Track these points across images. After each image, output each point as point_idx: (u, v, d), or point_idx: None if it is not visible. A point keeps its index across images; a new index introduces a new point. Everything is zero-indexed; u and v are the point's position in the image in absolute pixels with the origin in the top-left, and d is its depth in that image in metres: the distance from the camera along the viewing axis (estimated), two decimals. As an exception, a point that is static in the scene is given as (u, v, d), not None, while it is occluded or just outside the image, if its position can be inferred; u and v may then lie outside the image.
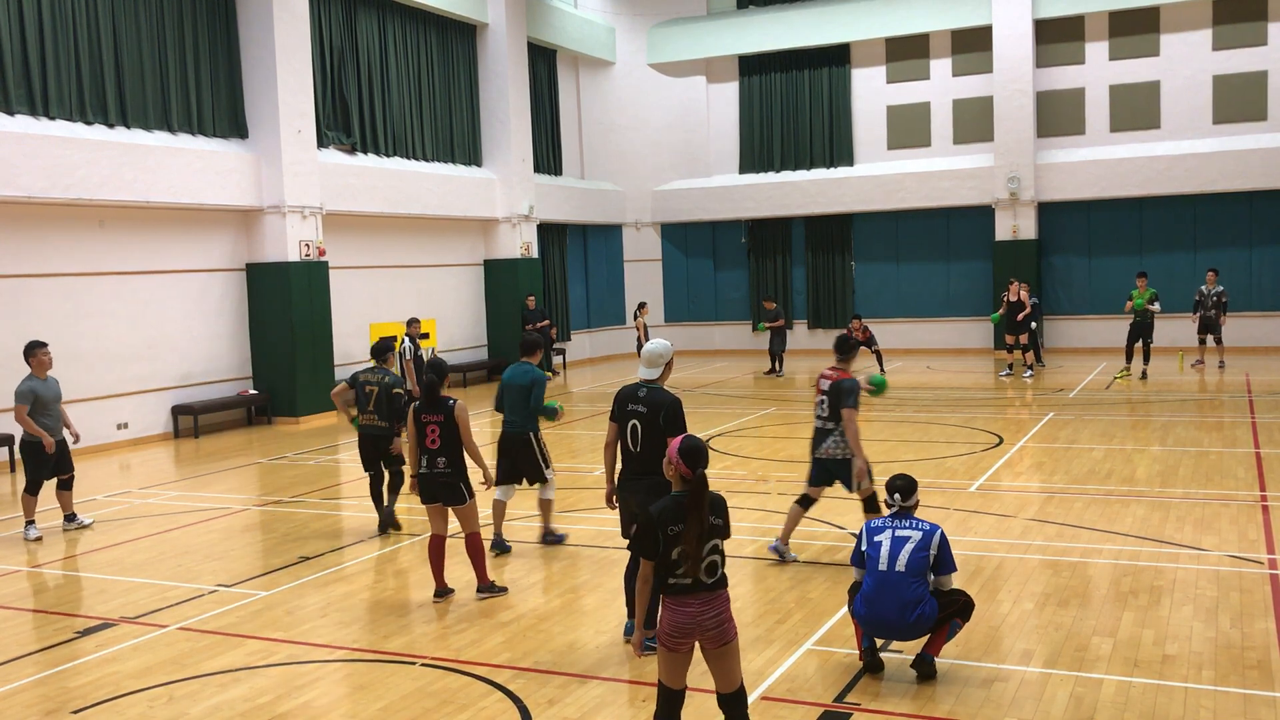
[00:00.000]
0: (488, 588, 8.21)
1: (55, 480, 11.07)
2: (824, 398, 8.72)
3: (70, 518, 11.19)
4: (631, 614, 7.29)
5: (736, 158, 29.39)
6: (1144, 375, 20.24)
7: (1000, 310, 21.89)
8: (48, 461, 10.79)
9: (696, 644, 5.02)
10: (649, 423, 6.87)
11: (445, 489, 8.01)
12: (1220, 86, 24.66)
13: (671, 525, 4.94)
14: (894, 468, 12.43)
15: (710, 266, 30.04)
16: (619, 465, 7.17)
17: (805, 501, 8.90)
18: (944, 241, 27.28)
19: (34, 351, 10.80)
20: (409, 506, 11.33)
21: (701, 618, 4.93)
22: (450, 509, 8.14)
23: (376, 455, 10.53)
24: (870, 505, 8.59)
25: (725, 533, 5.06)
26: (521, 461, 9.53)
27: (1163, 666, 6.44)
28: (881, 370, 22.96)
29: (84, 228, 16.33)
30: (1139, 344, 20.32)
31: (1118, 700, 5.98)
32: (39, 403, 10.70)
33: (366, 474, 10.75)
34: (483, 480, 8.30)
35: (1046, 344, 26.09)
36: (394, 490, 10.64)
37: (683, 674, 5.07)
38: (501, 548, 9.47)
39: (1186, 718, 5.75)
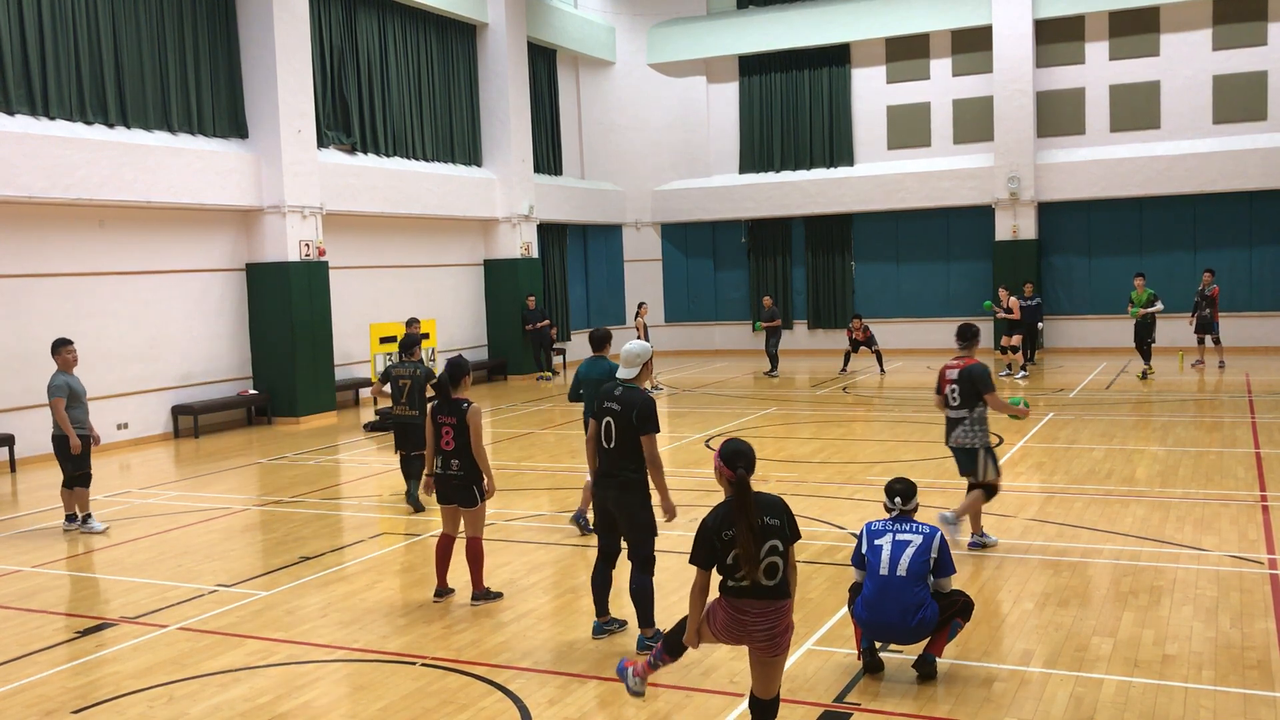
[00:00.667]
0: (483, 594, 8.15)
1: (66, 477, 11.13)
2: (954, 387, 8.90)
3: (71, 518, 11.20)
4: (599, 613, 7.35)
5: (736, 158, 29.38)
6: (1144, 375, 20.24)
7: (999, 312, 21.87)
8: (85, 454, 10.94)
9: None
10: (623, 420, 6.92)
11: (458, 491, 8.01)
12: (1220, 86, 24.66)
13: (725, 530, 4.91)
14: (894, 468, 12.45)
15: (710, 266, 30.03)
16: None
17: (977, 488, 9.02)
18: (944, 241, 27.28)
19: (59, 349, 10.98)
20: (398, 501, 11.37)
21: (753, 627, 4.94)
22: (460, 510, 8.12)
23: (409, 442, 11.34)
24: (988, 492, 8.96)
25: (785, 534, 4.98)
26: None
27: (1163, 666, 6.44)
28: (881, 369, 22.92)
29: (84, 228, 16.33)
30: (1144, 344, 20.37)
31: (1118, 700, 5.98)
32: (72, 396, 10.89)
33: (398, 453, 11.64)
34: (486, 487, 8.11)
35: (1046, 344, 26.12)
36: (416, 477, 11.38)
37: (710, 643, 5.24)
38: (585, 527, 10.07)
39: (1186, 718, 5.75)
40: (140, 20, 16.98)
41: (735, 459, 4.98)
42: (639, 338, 21.33)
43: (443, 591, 8.24)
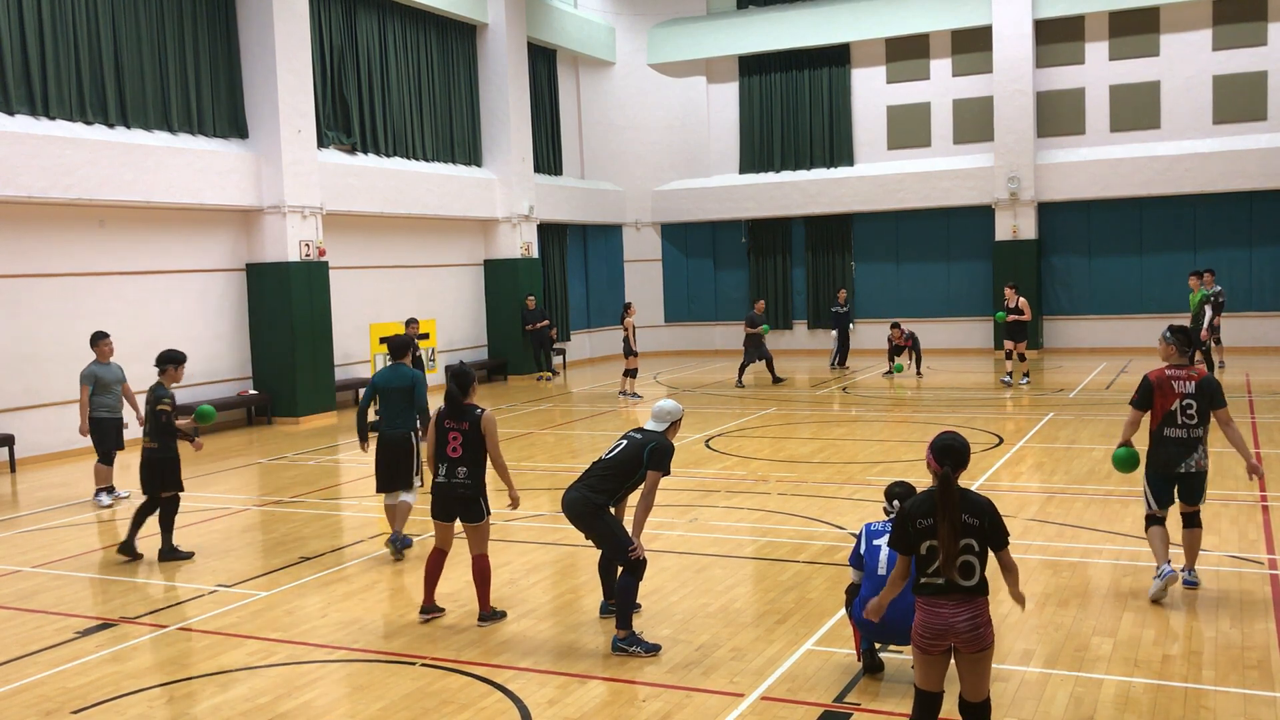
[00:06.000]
0: (490, 615, 7.66)
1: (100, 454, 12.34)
2: (1191, 401, 7.46)
3: (104, 491, 12.35)
4: (607, 595, 7.55)
5: (736, 158, 29.38)
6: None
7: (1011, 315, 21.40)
8: (107, 435, 12.19)
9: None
10: (634, 448, 7.16)
11: (462, 503, 7.53)
12: (1220, 86, 24.66)
13: (920, 519, 4.90)
14: (894, 468, 12.45)
15: (710, 266, 30.03)
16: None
17: (1158, 521, 7.72)
18: (944, 241, 27.28)
19: (96, 342, 12.36)
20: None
21: (955, 619, 4.83)
22: (465, 525, 7.62)
23: (155, 480, 10.06)
24: (1196, 520, 7.73)
25: (987, 536, 4.91)
26: (396, 464, 9.57)
27: (1163, 666, 6.44)
28: (919, 371, 22.28)
29: (84, 228, 16.33)
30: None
31: (1118, 700, 5.99)
32: (100, 384, 12.18)
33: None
34: (511, 497, 7.76)
35: (1046, 344, 26.18)
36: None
37: (939, 677, 4.95)
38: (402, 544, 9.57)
39: (1186, 718, 5.75)
40: (140, 20, 16.98)
41: (944, 454, 4.95)
42: (629, 339, 20.47)
43: (430, 609, 7.79)
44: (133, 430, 13.12)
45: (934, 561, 4.88)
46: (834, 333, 24.68)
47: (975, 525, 4.90)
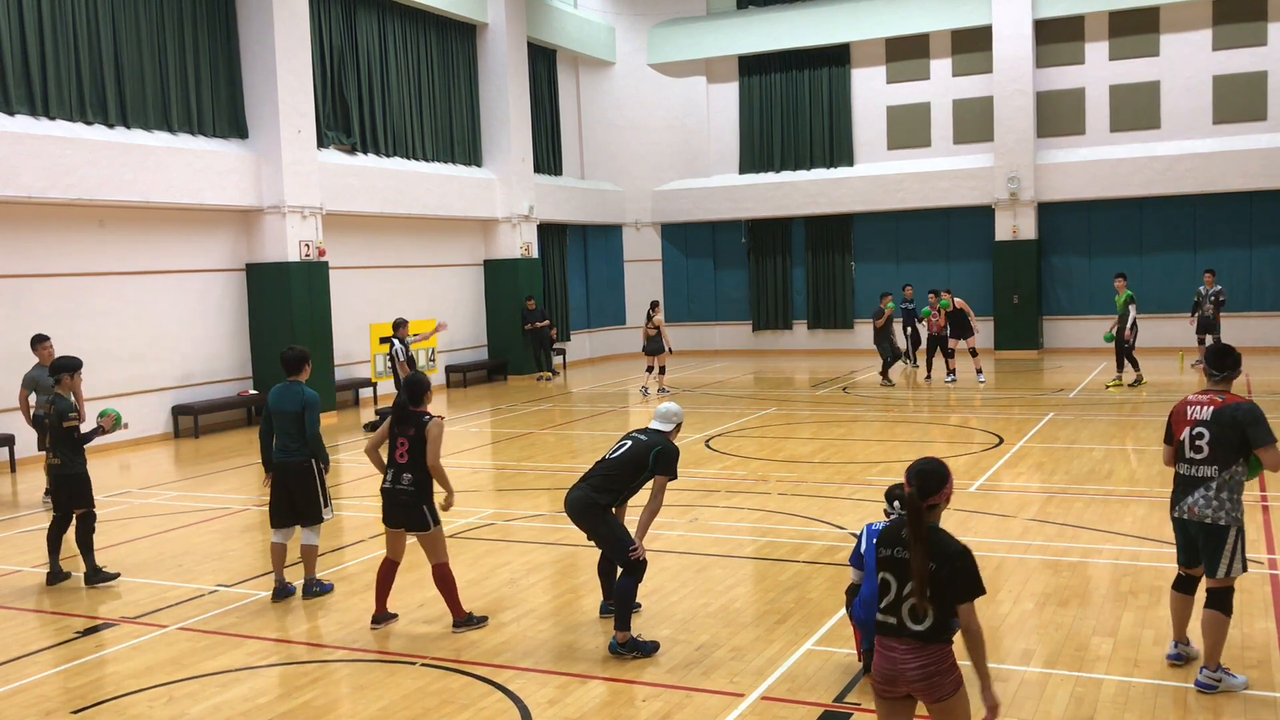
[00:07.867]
0: (465, 621, 7.54)
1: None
2: (1201, 430, 6.19)
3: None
4: (607, 595, 7.51)
5: (736, 158, 29.38)
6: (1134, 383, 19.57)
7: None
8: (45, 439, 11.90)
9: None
10: (639, 450, 7.16)
11: (406, 510, 7.44)
12: (1220, 86, 24.66)
13: (882, 547, 4.48)
14: (894, 468, 12.44)
15: (710, 266, 30.03)
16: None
17: (1184, 585, 6.46)
18: (944, 242, 27.28)
19: (38, 344, 12.40)
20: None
21: (904, 665, 4.37)
22: (415, 536, 7.53)
23: (64, 498, 9.44)
24: (1218, 599, 6.14)
25: (946, 586, 4.31)
26: (299, 495, 8.45)
27: (1163, 666, 6.44)
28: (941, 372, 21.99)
29: (84, 228, 16.33)
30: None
31: (1118, 700, 5.99)
32: (42, 388, 11.97)
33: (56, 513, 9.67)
34: (444, 502, 7.61)
35: (1046, 344, 26.18)
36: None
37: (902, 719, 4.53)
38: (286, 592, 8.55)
39: (1187, 718, 5.75)
40: (140, 20, 16.98)
41: (912, 477, 4.51)
42: (653, 336, 20.31)
43: (381, 618, 7.65)
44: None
45: (886, 596, 4.46)
46: (907, 330, 23.55)
47: (932, 570, 4.36)
